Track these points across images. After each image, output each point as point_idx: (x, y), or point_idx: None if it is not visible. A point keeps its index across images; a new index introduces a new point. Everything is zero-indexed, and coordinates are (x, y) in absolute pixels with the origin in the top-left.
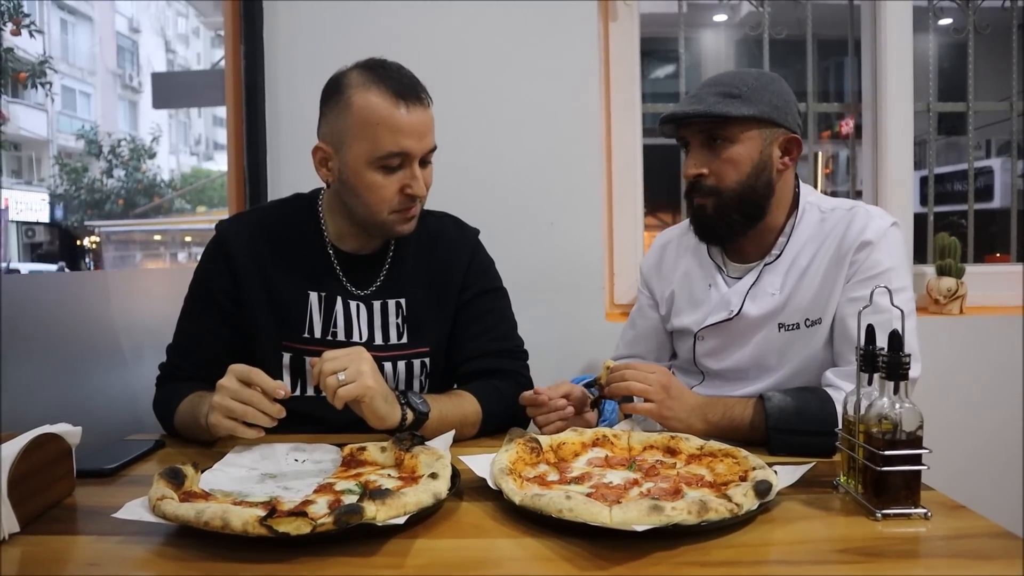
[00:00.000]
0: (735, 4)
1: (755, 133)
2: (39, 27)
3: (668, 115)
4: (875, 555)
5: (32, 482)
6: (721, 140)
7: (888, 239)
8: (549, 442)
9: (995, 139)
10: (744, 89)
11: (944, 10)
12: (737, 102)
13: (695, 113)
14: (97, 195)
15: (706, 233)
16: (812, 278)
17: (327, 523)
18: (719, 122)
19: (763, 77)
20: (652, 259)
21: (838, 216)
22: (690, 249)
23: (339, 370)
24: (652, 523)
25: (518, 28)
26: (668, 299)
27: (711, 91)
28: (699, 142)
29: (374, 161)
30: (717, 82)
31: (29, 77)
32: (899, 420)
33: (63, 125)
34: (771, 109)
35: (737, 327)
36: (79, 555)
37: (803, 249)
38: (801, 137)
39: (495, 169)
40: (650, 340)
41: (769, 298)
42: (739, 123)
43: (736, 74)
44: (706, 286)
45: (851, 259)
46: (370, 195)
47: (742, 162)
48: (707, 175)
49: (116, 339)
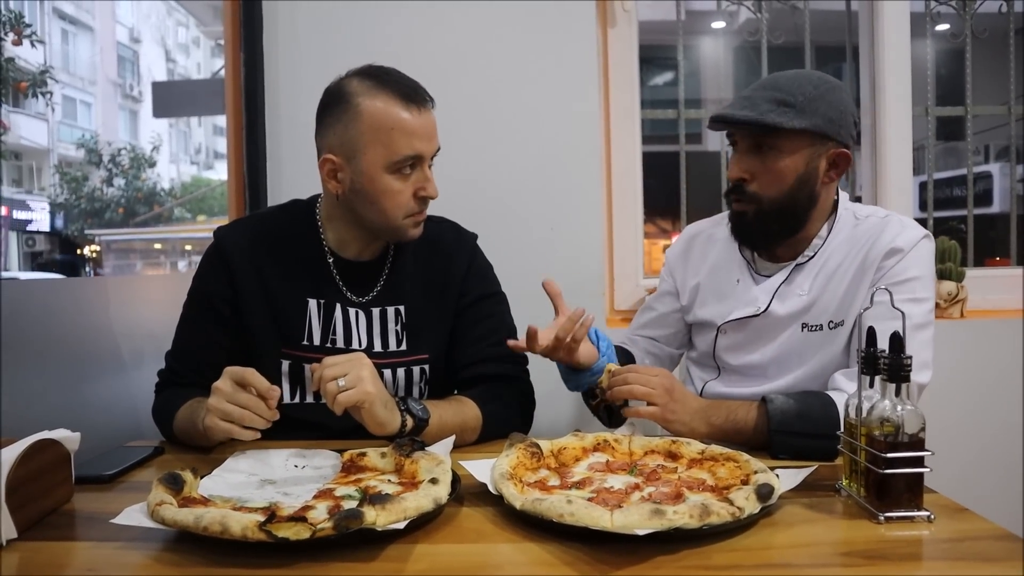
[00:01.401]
0: (733, 11)
1: (805, 146)
2: (40, 37)
3: (718, 115)
4: (878, 558)
5: (30, 488)
6: (768, 148)
7: (919, 250)
8: (550, 447)
9: (994, 144)
10: (800, 98)
11: (942, 15)
12: (790, 112)
13: (745, 120)
14: (97, 204)
15: (743, 238)
16: (840, 281)
17: (327, 528)
18: (769, 131)
19: (823, 85)
20: (679, 248)
21: (872, 223)
22: (720, 242)
23: (339, 376)
24: (653, 527)
25: (517, 34)
26: (692, 290)
27: (766, 95)
28: (746, 145)
29: (390, 166)
30: (774, 85)
31: (30, 87)
32: (901, 422)
33: (63, 134)
34: (825, 123)
35: (762, 324)
36: (77, 561)
37: (835, 252)
38: (852, 146)
39: (494, 175)
40: (666, 326)
41: (797, 298)
42: (790, 134)
43: (795, 78)
44: (733, 281)
45: (879, 264)
46: (387, 200)
47: (787, 173)
48: (750, 180)
49: (116, 345)
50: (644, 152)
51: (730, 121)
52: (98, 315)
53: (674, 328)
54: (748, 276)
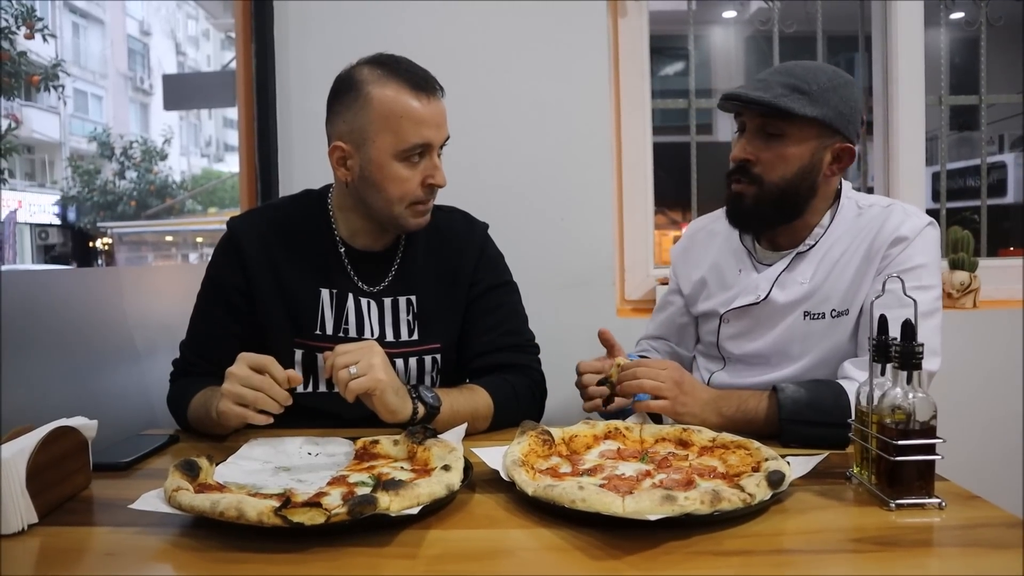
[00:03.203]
0: (744, 1)
1: (812, 136)
2: (52, 31)
3: (731, 93)
4: (889, 544)
5: (50, 474)
6: (777, 133)
7: (924, 237)
8: (561, 435)
9: (1008, 133)
10: (814, 87)
11: (956, 3)
12: (803, 99)
13: (758, 100)
14: (109, 197)
15: (739, 221)
16: (843, 270)
17: (341, 514)
18: (780, 115)
19: (837, 77)
20: (682, 245)
21: (875, 212)
22: (721, 234)
23: (351, 363)
24: (665, 513)
25: (527, 25)
26: (696, 285)
27: (780, 80)
28: (755, 127)
29: (399, 154)
30: (789, 72)
31: (42, 80)
32: (912, 410)
33: (75, 128)
34: (835, 115)
35: (763, 312)
36: (96, 545)
37: (837, 242)
38: (856, 146)
39: (506, 165)
40: (673, 325)
41: (798, 286)
42: (799, 121)
43: (811, 68)
44: (735, 270)
45: (884, 253)
46: (395, 188)
47: (791, 160)
48: (754, 162)
49: (130, 335)
50: (655, 142)
51: (743, 100)
52: (113, 305)
53: (679, 326)
54: (749, 265)
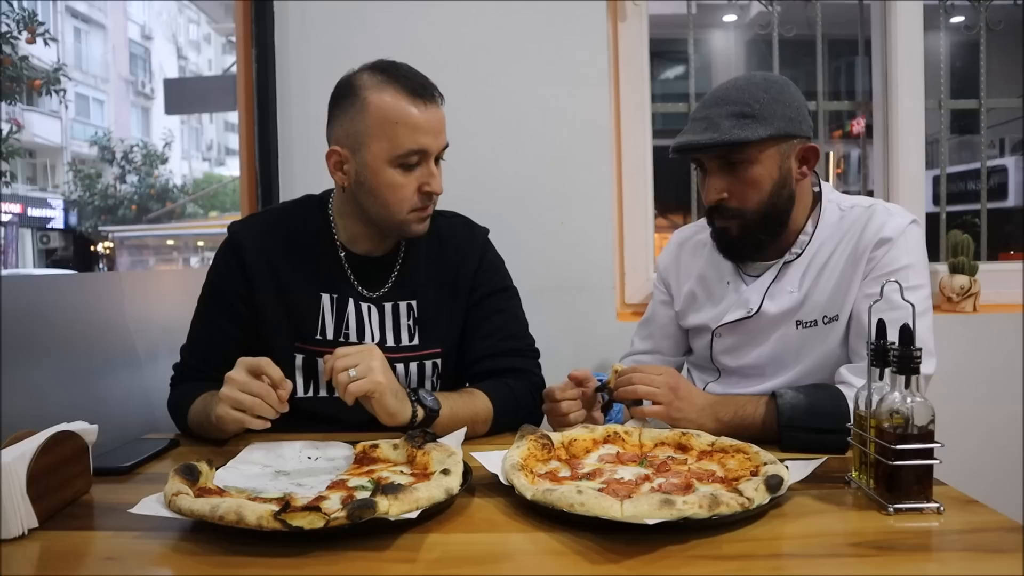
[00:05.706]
0: (744, 4)
1: (773, 151)
2: (53, 35)
3: (682, 145)
4: (888, 549)
5: (50, 479)
6: (740, 162)
7: (907, 237)
8: (560, 439)
9: (1009, 137)
10: (756, 106)
11: (956, 7)
12: (752, 123)
13: (712, 143)
14: (111, 201)
15: (731, 253)
16: (830, 275)
17: (340, 518)
18: (736, 147)
19: (772, 87)
20: (669, 256)
21: (857, 213)
22: (706, 246)
23: (350, 367)
24: (663, 517)
25: (527, 29)
26: (686, 296)
27: (723, 112)
28: (716, 166)
29: (393, 160)
30: (725, 99)
31: (43, 85)
32: (911, 414)
33: (77, 132)
34: (786, 123)
35: (756, 325)
36: (97, 550)
37: (822, 247)
38: (813, 137)
39: (505, 169)
40: (665, 336)
41: (788, 296)
42: (757, 144)
43: (744, 88)
44: (724, 283)
45: (869, 256)
46: (390, 194)
47: (763, 182)
48: (729, 198)
49: (131, 340)
50: (655, 146)
51: (696, 147)
52: (113, 310)
53: (674, 336)
54: (738, 278)
